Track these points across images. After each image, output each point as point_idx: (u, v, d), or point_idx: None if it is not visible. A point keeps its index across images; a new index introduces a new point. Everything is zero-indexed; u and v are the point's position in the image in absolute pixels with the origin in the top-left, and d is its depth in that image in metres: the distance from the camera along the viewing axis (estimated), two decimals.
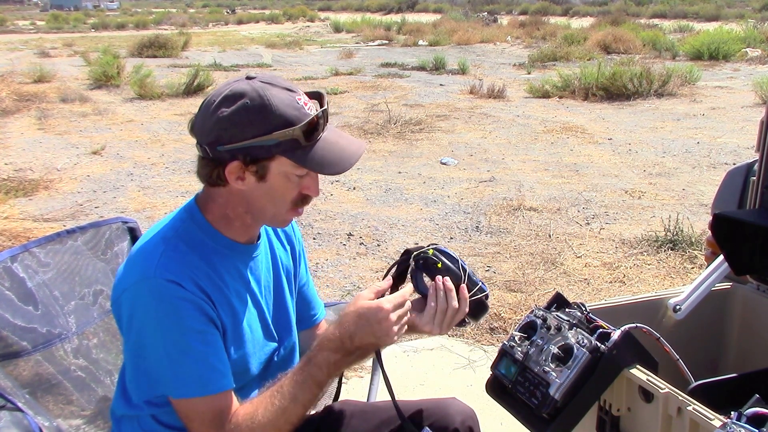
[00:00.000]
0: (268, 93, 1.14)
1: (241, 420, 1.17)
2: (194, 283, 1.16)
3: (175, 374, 1.15)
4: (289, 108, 1.15)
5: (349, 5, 54.04)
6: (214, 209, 1.24)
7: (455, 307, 1.26)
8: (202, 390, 1.16)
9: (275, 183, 1.19)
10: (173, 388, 1.17)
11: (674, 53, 15.94)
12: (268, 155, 1.15)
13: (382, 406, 1.49)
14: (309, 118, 1.16)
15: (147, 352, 1.17)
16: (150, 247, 1.20)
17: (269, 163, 1.16)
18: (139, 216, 5.01)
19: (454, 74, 13.68)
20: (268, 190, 1.19)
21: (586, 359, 1.25)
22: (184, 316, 1.14)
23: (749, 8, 34.29)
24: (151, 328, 1.15)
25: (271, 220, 1.26)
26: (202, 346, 1.16)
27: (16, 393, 1.30)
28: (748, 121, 8.40)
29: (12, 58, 17.12)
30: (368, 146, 7.44)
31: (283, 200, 1.21)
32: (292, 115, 1.14)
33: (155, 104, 10.38)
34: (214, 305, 1.19)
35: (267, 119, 1.13)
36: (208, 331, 1.17)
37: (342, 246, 4.49)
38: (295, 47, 21.05)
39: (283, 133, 1.13)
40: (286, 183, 1.19)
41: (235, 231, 1.26)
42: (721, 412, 1.16)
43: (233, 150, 1.14)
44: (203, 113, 1.17)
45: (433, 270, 1.27)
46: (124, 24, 35.94)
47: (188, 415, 1.17)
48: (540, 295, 3.63)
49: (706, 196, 5.36)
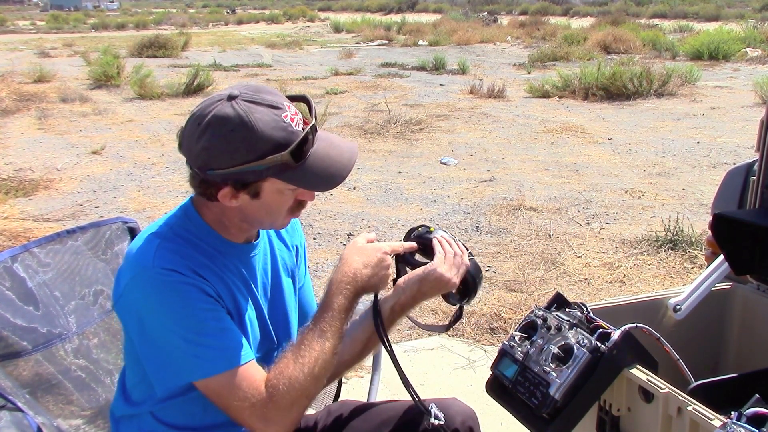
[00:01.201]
0: (253, 117, 1.11)
1: (276, 381, 1.15)
2: (191, 270, 1.16)
3: (196, 356, 1.14)
4: (276, 130, 1.12)
5: (349, 5, 54.04)
6: (209, 215, 1.25)
7: (459, 252, 1.32)
8: (228, 364, 1.14)
9: (269, 199, 1.18)
10: (197, 370, 1.14)
11: (674, 53, 15.94)
12: (259, 178, 1.14)
13: (382, 406, 1.49)
14: (298, 138, 1.13)
15: (161, 343, 1.15)
16: (145, 243, 1.20)
17: (262, 184, 1.16)
18: (139, 216, 5.01)
19: (454, 74, 13.68)
20: (262, 205, 1.19)
21: (586, 359, 1.25)
22: (189, 298, 1.14)
23: (749, 8, 34.31)
24: (160, 317, 1.14)
25: (269, 227, 1.29)
26: (215, 323, 1.15)
27: (16, 393, 1.30)
28: (748, 120, 8.40)
29: (12, 58, 17.11)
30: (368, 146, 7.45)
31: (279, 211, 1.22)
32: (279, 137, 1.12)
33: (155, 104, 10.38)
34: (214, 288, 1.19)
35: (254, 145, 1.11)
36: (216, 308, 1.17)
37: (342, 246, 4.49)
38: (295, 47, 21.05)
39: (272, 158, 1.11)
40: (281, 197, 1.19)
41: (232, 234, 1.26)
42: (721, 412, 1.15)
43: (224, 175, 1.13)
44: (189, 135, 1.15)
45: (426, 239, 1.35)
46: (124, 24, 35.93)
47: (221, 393, 1.15)
48: (540, 295, 3.63)
49: (706, 195, 5.36)
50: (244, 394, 1.14)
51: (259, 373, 1.17)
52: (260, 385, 1.15)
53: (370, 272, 1.25)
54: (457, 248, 1.33)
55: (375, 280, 1.26)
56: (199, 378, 1.15)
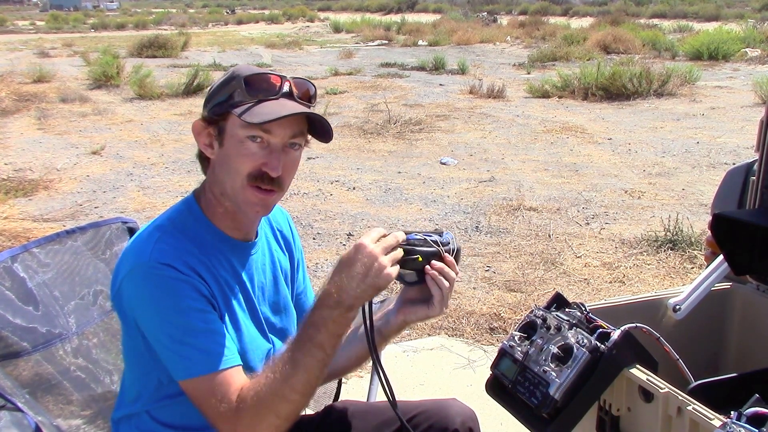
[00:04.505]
0: (247, 67, 1.25)
1: (245, 393, 1.13)
2: (187, 266, 1.16)
3: (180, 355, 1.14)
4: (250, 71, 1.22)
5: (349, 5, 54.03)
6: (206, 198, 1.27)
7: (453, 277, 1.23)
8: (209, 367, 1.14)
9: (230, 148, 1.21)
10: (180, 369, 1.14)
11: (674, 53, 15.95)
12: (221, 111, 1.21)
13: (382, 406, 1.48)
14: (261, 78, 1.21)
15: (151, 337, 1.16)
16: (145, 236, 1.21)
17: (224, 124, 1.21)
18: (139, 216, 5.01)
19: (453, 74, 13.68)
20: (224, 157, 1.22)
21: (586, 359, 1.25)
22: (181, 296, 1.14)
23: (749, 8, 34.33)
24: (151, 311, 1.15)
25: (233, 198, 1.22)
26: (203, 324, 1.15)
27: (16, 393, 1.30)
28: (747, 120, 8.40)
29: (12, 58, 17.11)
30: (368, 146, 7.45)
31: (238, 170, 1.20)
32: (249, 75, 1.21)
33: (155, 104, 10.38)
34: (209, 287, 1.19)
35: (227, 80, 1.23)
36: (207, 309, 1.17)
37: (342, 246, 4.49)
38: (295, 47, 21.05)
39: (231, 85, 1.20)
40: (240, 147, 1.19)
41: (224, 222, 1.27)
42: (721, 412, 1.15)
43: (206, 112, 1.24)
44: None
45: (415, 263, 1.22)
46: (124, 24, 35.92)
47: (196, 396, 1.15)
48: (540, 295, 3.63)
49: (705, 196, 5.36)
50: (217, 401, 1.13)
51: (237, 381, 1.15)
52: (233, 395, 1.13)
53: (355, 284, 1.12)
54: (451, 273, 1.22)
55: (368, 281, 1.12)
56: (179, 377, 1.15)
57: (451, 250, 1.25)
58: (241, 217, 1.27)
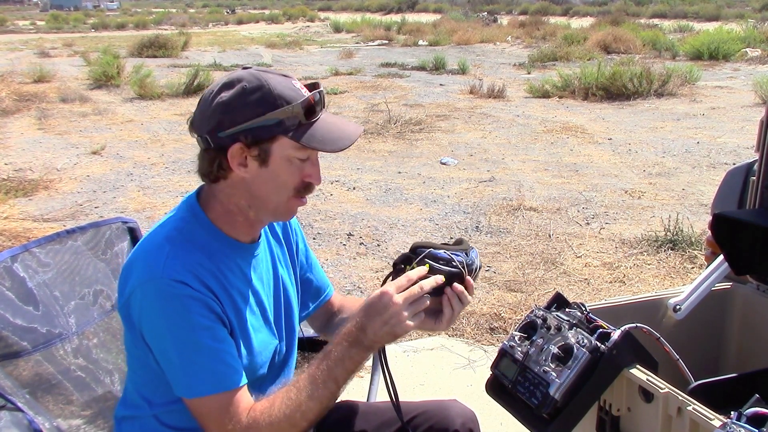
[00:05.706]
0: (266, 77, 1.16)
1: (258, 414, 1.15)
2: (200, 282, 1.16)
3: (186, 373, 1.14)
4: (287, 89, 1.16)
5: (349, 5, 54.02)
6: (217, 207, 1.24)
7: (469, 301, 1.25)
8: (216, 387, 1.15)
9: (277, 168, 1.18)
10: (186, 387, 1.15)
11: (674, 53, 15.94)
12: (269, 135, 1.15)
13: (382, 406, 1.49)
14: (306, 97, 1.17)
15: (158, 353, 1.16)
16: (155, 248, 1.19)
17: (271, 146, 1.16)
18: (139, 216, 5.01)
19: (454, 74, 13.68)
20: (270, 176, 1.18)
21: (586, 359, 1.25)
22: (192, 314, 1.14)
23: (749, 8, 34.30)
24: (161, 328, 1.15)
25: (274, 211, 1.24)
26: (212, 343, 1.15)
27: (16, 393, 1.30)
28: (747, 120, 8.40)
29: (12, 58, 17.12)
30: (368, 146, 7.45)
31: (286, 187, 1.20)
32: (290, 95, 1.16)
33: (155, 104, 10.38)
34: (220, 303, 1.19)
35: (266, 99, 1.14)
36: (216, 327, 1.17)
37: (342, 246, 4.49)
38: (295, 47, 21.05)
39: (284, 110, 1.14)
40: (289, 167, 1.18)
41: (237, 229, 1.26)
42: (721, 412, 1.15)
43: (235, 133, 1.14)
44: (202, 105, 1.19)
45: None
46: (124, 24, 35.93)
47: (203, 414, 1.16)
48: (540, 295, 3.63)
49: (706, 196, 5.36)
50: (224, 421, 1.15)
51: (244, 401, 1.17)
52: (242, 414, 1.15)
53: (375, 328, 1.15)
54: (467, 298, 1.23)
55: (386, 329, 1.16)
56: (185, 395, 1.16)
57: (474, 269, 1.27)
58: (260, 225, 1.29)
